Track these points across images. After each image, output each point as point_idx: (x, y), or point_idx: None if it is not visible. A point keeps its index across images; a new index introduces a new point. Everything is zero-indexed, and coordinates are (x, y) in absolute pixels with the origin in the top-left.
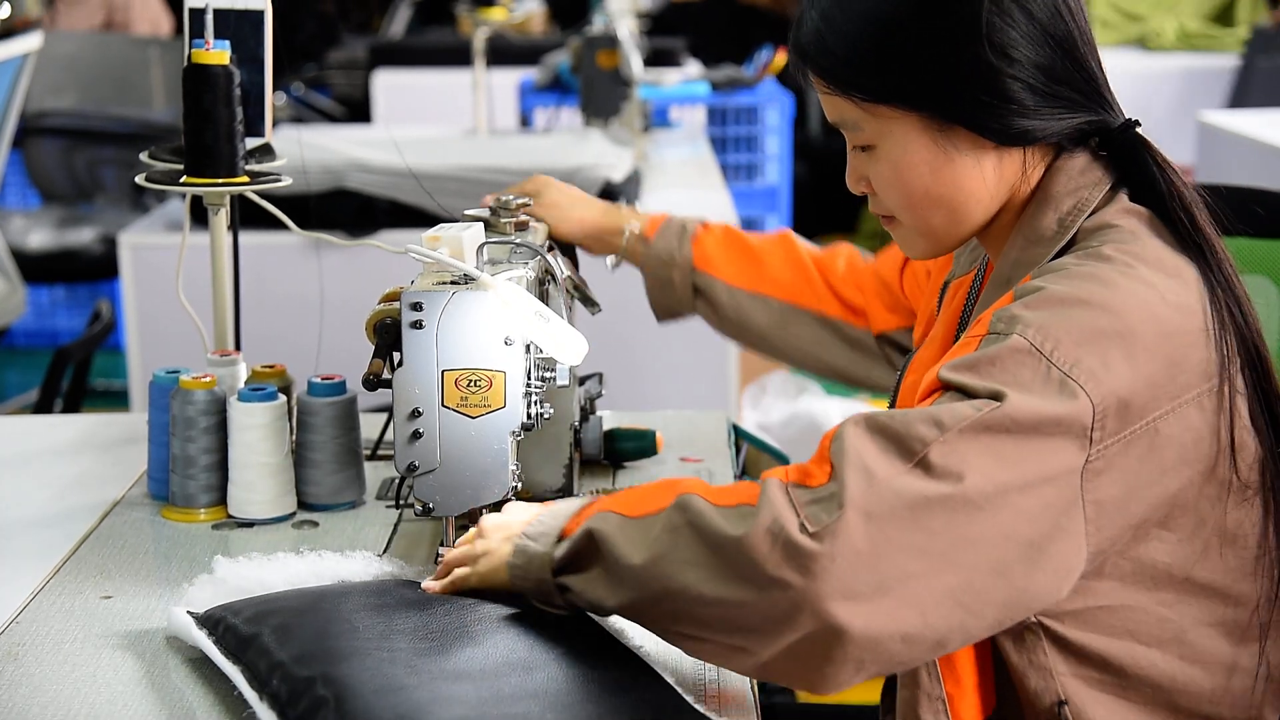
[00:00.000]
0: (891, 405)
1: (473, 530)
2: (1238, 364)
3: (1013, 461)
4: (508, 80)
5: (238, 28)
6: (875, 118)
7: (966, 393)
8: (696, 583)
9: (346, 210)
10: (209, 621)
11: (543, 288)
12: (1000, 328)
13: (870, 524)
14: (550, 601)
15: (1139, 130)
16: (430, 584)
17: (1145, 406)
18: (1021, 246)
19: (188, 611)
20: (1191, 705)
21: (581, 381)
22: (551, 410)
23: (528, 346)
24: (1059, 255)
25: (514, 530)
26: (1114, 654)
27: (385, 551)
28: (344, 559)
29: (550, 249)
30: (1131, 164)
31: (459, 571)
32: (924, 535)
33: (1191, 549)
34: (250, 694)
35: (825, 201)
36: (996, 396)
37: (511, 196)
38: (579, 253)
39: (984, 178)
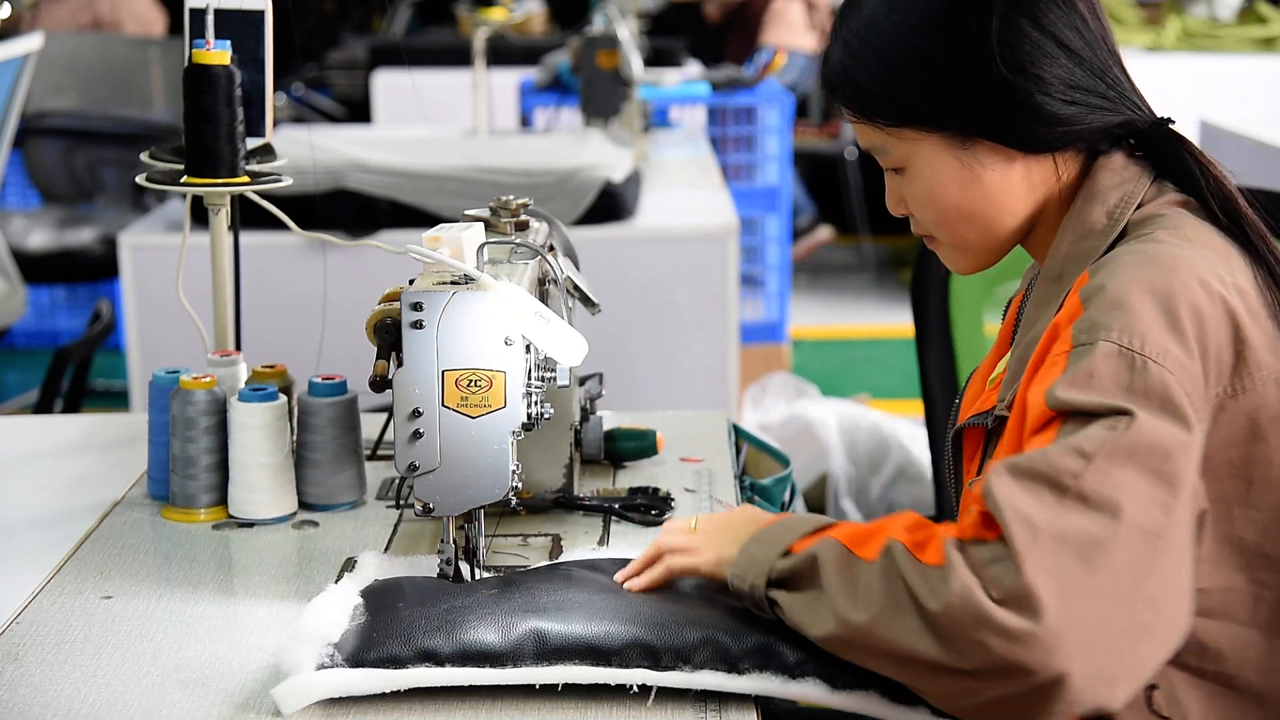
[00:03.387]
0: (953, 421)
1: (686, 521)
2: None
3: (1163, 476)
4: (508, 80)
5: (238, 28)
6: (901, 140)
7: (1087, 414)
8: (902, 635)
9: (347, 210)
10: (392, 660)
11: (543, 288)
12: (1084, 338)
13: (1050, 582)
14: (760, 609)
15: (1173, 127)
16: (634, 572)
17: (1221, 375)
18: (1071, 241)
19: (329, 664)
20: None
21: (581, 381)
22: (551, 410)
23: (528, 346)
24: (1112, 249)
25: (741, 531)
26: (1210, 636)
27: (387, 550)
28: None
29: (550, 249)
30: (1169, 161)
31: (675, 561)
32: (1108, 577)
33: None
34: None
35: (825, 202)
36: (1122, 412)
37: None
38: (578, 253)
39: (1013, 188)
